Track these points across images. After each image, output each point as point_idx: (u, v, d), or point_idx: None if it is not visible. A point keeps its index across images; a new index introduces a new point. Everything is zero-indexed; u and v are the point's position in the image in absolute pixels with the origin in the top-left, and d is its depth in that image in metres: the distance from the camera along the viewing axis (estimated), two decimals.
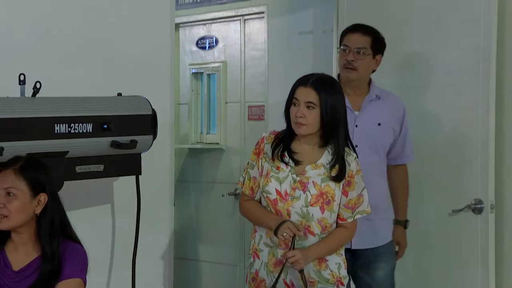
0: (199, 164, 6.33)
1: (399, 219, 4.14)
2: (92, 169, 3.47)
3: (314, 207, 3.33)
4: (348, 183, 3.38)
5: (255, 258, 3.43)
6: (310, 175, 3.35)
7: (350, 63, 3.93)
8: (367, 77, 4.03)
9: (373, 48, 3.96)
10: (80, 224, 3.23)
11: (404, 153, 4.11)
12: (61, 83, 3.64)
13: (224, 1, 6.19)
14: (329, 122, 3.31)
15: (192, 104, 6.37)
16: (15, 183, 2.96)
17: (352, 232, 3.47)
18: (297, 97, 3.33)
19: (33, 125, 3.23)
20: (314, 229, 3.35)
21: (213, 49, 6.32)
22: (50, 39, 3.72)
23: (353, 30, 4.01)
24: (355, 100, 3.97)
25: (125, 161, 3.59)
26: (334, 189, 3.35)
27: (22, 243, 3.01)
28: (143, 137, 3.61)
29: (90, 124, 3.40)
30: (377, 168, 3.96)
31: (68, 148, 3.33)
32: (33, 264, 2.98)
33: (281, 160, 3.37)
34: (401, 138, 4.06)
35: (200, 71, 6.37)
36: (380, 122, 3.97)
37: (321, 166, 3.36)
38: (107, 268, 3.96)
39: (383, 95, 4.03)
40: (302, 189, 3.34)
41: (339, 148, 3.34)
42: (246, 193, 3.47)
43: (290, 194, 3.34)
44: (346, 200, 3.39)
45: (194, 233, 6.32)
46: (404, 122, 4.06)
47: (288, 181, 3.35)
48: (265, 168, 3.39)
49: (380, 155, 3.99)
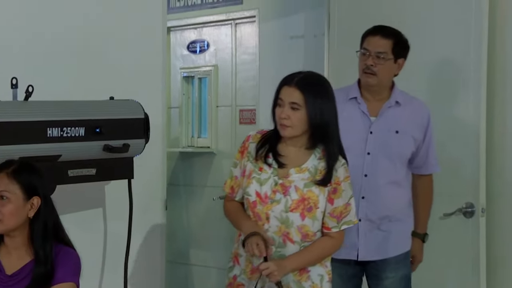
0: (190, 168, 6.34)
1: (417, 232, 3.93)
2: (84, 173, 3.46)
3: (294, 213, 3.15)
4: (334, 190, 3.18)
5: (235, 263, 3.29)
6: (294, 178, 3.17)
7: (369, 67, 3.73)
8: (388, 82, 3.81)
9: (394, 52, 3.74)
10: (73, 228, 3.23)
11: (428, 163, 3.88)
12: (53, 87, 3.64)
13: (215, 5, 6.20)
14: (317, 124, 3.13)
15: (183, 108, 6.37)
16: (8, 186, 2.96)
17: (338, 242, 3.25)
18: (282, 97, 3.15)
19: (26, 128, 3.22)
20: (293, 236, 3.16)
21: (204, 53, 6.32)
22: (42, 43, 3.72)
23: (373, 33, 3.79)
24: (373, 106, 3.78)
25: (118, 165, 3.58)
26: (317, 195, 3.16)
27: (15, 247, 3.00)
28: (135, 141, 3.60)
29: (82, 128, 3.40)
30: (391, 177, 3.75)
31: (61, 152, 3.33)
32: (26, 268, 2.98)
33: (265, 161, 3.20)
34: (424, 147, 3.83)
35: (191, 75, 6.38)
36: (398, 130, 3.75)
37: (306, 170, 3.18)
38: (99, 271, 3.95)
39: (406, 101, 3.81)
40: (283, 193, 3.16)
41: (328, 152, 3.17)
42: (226, 192, 3.32)
43: (270, 197, 3.17)
44: (332, 208, 3.19)
45: (185, 237, 6.32)
46: (428, 130, 3.83)
47: (269, 183, 3.18)
48: (248, 169, 3.23)
49: (396, 164, 3.76)
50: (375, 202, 3.74)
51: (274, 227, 3.16)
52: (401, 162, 3.78)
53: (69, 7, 3.83)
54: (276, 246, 3.16)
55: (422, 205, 3.93)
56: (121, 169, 3.62)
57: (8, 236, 3.00)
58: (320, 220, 3.19)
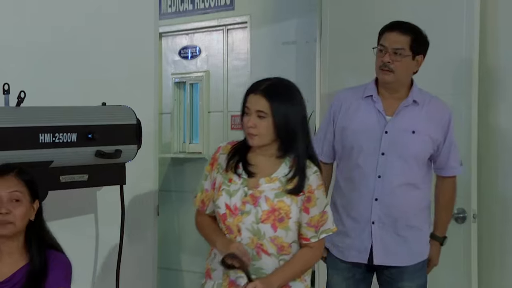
0: (181, 174, 6.33)
1: (436, 234, 3.79)
2: (76, 179, 3.46)
3: (265, 224, 3.03)
4: (307, 199, 3.05)
5: (207, 278, 3.20)
6: (264, 189, 3.05)
7: (386, 64, 3.59)
8: (406, 80, 3.67)
9: (412, 48, 3.61)
10: (64, 233, 3.22)
11: (449, 165, 3.73)
12: (45, 93, 3.64)
13: (207, 11, 6.21)
14: (285, 132, 3.02)
15: (175, 114, 6.38)
16: (18, 187, 2.94)
17: (318, 252, 3.15)
18: (248, 106, 3.06)
19: (18, 134, 3.22)
20: (268, 248, 3.05)
21: (196, 58, 6.33)
22: (34, 49, 3.72)
23: (390, 29, 3.65)
24: (390, 104, 3.65)
25: (110, 170, 3.58)
26: (289, 205, 3.04)
27: (9, 252, 2.96)
28: (127, 147, 3.60)
29: (74, 134, 3.40)
30: (406, 179, 3.62)
31: (53, 157, 3.33)
32: (18, 274, 2.94)
33: (235, 172, 3.09)
34: (445, 148, 3.69)
35: (183, 81, 6.39)
36: (414, 130, 3.61)
37: (276, 179, 3.06)
38: (91, 277, 3.94)
39: (425, 100, 3.68)
40: (253, 204, 3.04)
41: (298, 160, 3.04)
42: (196, 206, 3.22)
43: (240, 208, 3.05)
44: (308, 218, 3.06)
45: (177, 243, 6.31)
46: (449, 131, 3.69)
47: (239, 194, 3.06)
48: (218, 181, 3.13)
49: (411, 165, 3.62)
50: (389, 204, 3.62)
51: (247, 239, 3.05)
52: (418, 163, 3.64)
53: (61, 13, 3.83)
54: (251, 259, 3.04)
55: (442, 208, 3.80)
56: (113, 175, 3.63)
57: (4, 241, 2.94)
58: (294, 231, 3.07)
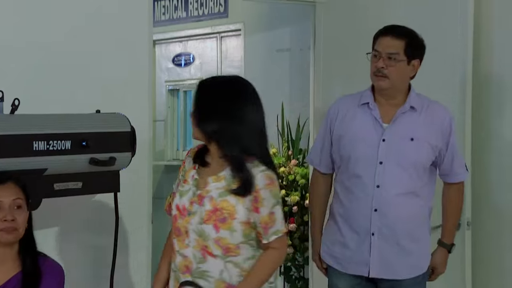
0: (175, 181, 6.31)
1: (444, 241, 3.73)
2: (70, 186, 3.45)
3: (207, 224, 2.96)
4: (255, 199, 2.95)
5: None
6: (210, 188, 3.00)
7: (380, 70, 3.51)
8: (403, 86, 3.58)
9: (407, 52, 3.51)
10: (58, 241, 3.21)
11: (454, 171, 3.66)
12: (39, 101, 3.63)
13: (200, 19, 6.22)
14: (211, 131, 2.99)
15: (168, 121, 6.38)
16: (20, 194, 2.96)
17: (282, 251, 3.05)
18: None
19: (12, 142, 3.20)
20: (212, 250, 2.96)
21: (190, 66, 6.34)
22: (28, 57, 3.72)
23: (384, 33, 3.57)
24: (387, 111, 3.57)
25: (104, 178, 3.57)
26: (234, 205, 2.95)
27: (3, 260, 2.96)
28: (121, 154, 3.59)
29: (68, 141, 3.38)
30: (406, 187, 3.53)
31: (47, 165, 3.31)
32: (12, 282, 2.94)
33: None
34: (448, 154, 3.61)
35: (177, 88, 6.40)
36: (413, 137, 3.52)
37: (222, 178, 3.00)
38: (84, 285, 3.93)
39: (423, 105, 3.59)
40: (199, 203, 3.00)
41: (236, 162, 2.96)
42: (165, 209, 3.23)
43: (188, 209, 3.02)
44: (259, 218, 2.96)
45: None
46: (451, 136, 3.60)
47: (188, 195, 3.04)
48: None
49: (410, 174, 3.52)
50: (388, 214, 3.52)
51: (193, 241, 3.00)
52: (418, 172, 3.55)
53: (55, 20, 3.83)
54: (197, 262, 2.99)
55: (450, 215, 3.75)
56: (107, 182, 3.61)
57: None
58: (240, 231, 2.96)
